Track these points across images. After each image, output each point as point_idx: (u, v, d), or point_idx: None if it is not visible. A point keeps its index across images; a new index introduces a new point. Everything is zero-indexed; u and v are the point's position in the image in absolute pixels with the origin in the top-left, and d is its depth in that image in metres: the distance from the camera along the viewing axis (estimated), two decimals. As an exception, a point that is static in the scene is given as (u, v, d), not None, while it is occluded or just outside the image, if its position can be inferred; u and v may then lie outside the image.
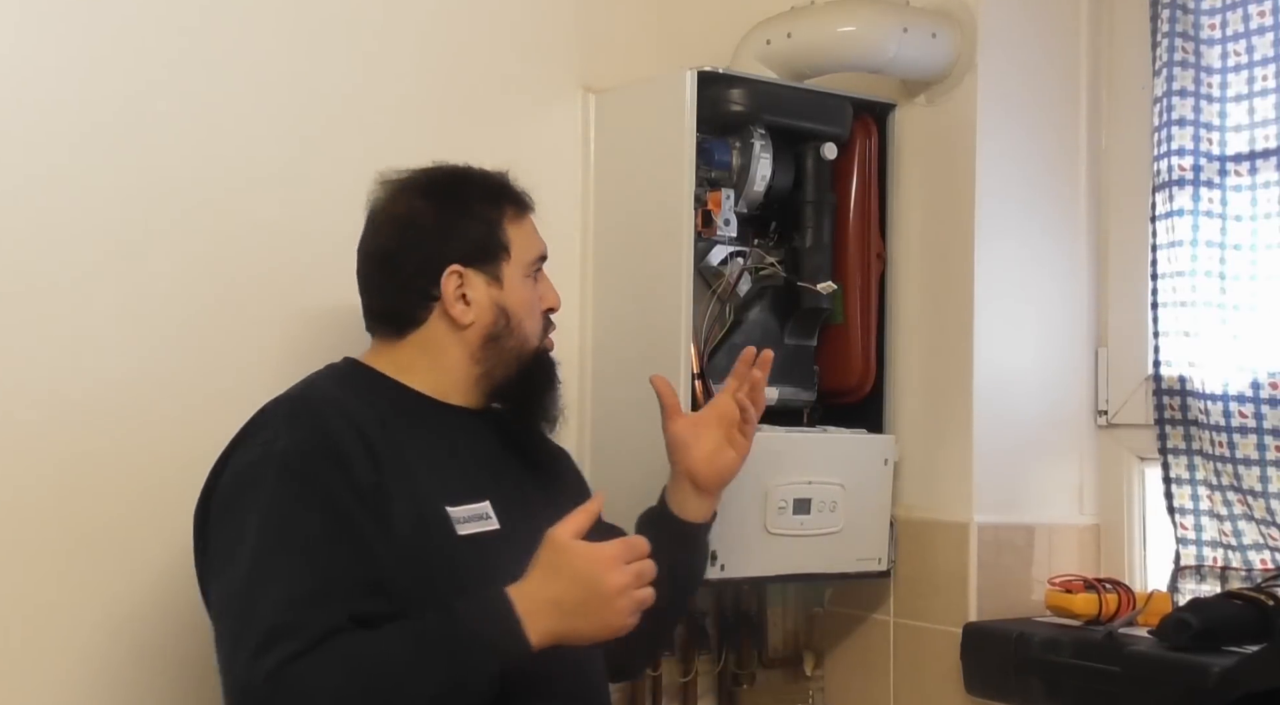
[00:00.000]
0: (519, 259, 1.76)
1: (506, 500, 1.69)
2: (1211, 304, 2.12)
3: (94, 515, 1.87)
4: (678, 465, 1.91)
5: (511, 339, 1.75)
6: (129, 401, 1.90)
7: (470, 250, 1.74)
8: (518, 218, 1.78)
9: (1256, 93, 2.12)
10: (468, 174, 1.80)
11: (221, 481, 1.60)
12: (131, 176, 1.91)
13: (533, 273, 1.78)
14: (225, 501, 1.59)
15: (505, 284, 1.75)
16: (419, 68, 2.16)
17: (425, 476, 1.64)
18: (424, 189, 1.77)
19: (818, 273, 2.22)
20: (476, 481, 1.70)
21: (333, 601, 1.49)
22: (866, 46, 2.23)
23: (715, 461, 1.91)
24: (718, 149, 2.14)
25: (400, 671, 1.47)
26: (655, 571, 1.57)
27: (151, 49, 1.93)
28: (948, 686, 2.23)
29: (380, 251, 1.76)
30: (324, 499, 1.54)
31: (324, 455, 1.57)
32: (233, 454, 1.62)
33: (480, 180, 1.79)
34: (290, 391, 1.69)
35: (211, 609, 1.57)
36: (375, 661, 1.47)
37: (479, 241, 1.75)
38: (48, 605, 1.84)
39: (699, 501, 1.91)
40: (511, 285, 1.75)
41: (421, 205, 1.75)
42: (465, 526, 1.64)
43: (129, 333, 1.90)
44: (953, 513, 2.26)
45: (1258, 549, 2.08)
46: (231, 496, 1.58)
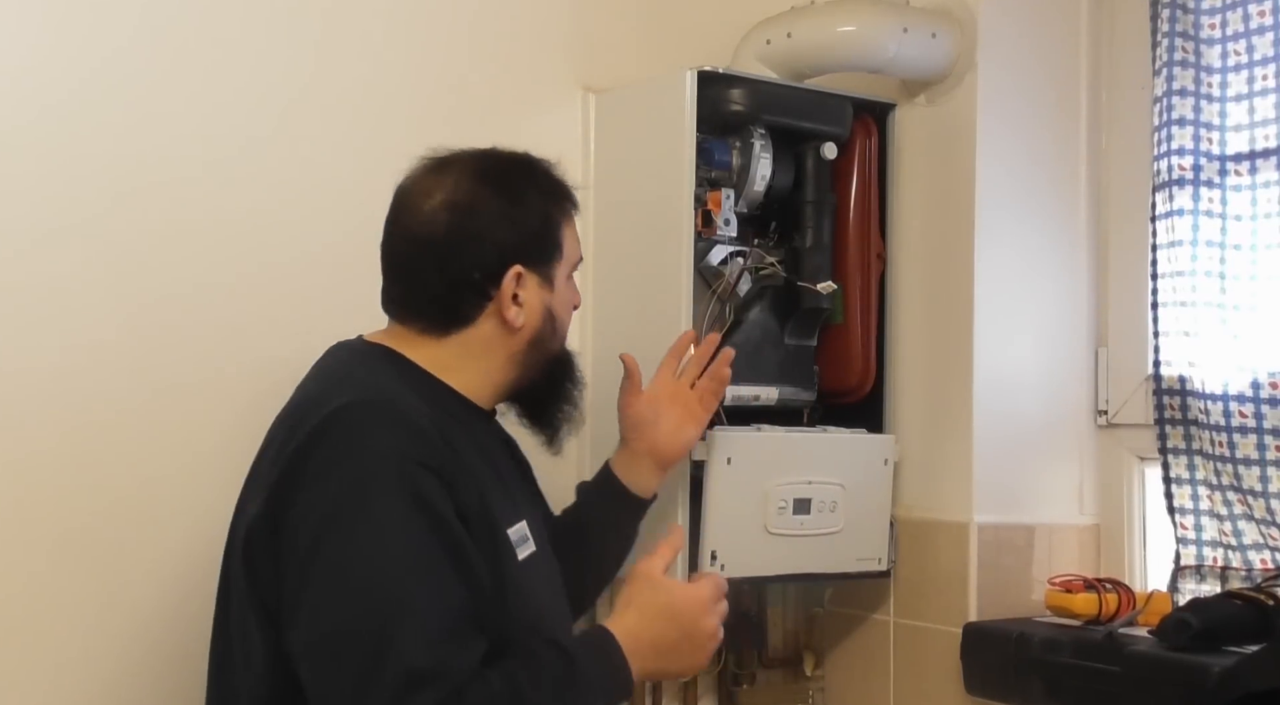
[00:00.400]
0: (568, 260, 1.68)
1: (530, 518, 1.63)
2: (1211, 304, 2.12)
3: (91, 514, 1.87)
4: (638, 442, 1.90)
5: (554, 343, 1.68)
6: (124, 400, 1.90)
7: (532, 248, 1.62)
8: (569, 218, 1.70)
9: (1256, 92, 2.12)
10: (529, 163, 1.68)
11: (312, 499, 1.41)
12: (130, 174, 1.91)
13: (570, 275, 1.71)
14: (330, 521, 1.40)
15: (555, 286, 1.66)
16: (419, 68, 2.16)
17: (488, 496, 1.53)
18: (483, 174, 1.62)
19: (818, 273, 2.22)
20: (515, 499, 1.64)
21: (468, 640, 1.39)
22: (866, 46, 2.23)
23: (678, 438, 1.93)
24: (718, 149, 2.14)
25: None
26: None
27: (150, 49, 1.93)
28: (948, 687, 2.22)
29: (431, 238, 1.59)
30: (440, 526, 1.41)
31: (435, 477, 1.43)
32: (308, 466, 1.43)
33: (542, 172, 1.68)
34: (366, 392, 1.50)
35: (312, 634, 1.39)
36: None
37: (540, 239, 1.63)
38: (43, 606, 1.84)
39: (655, 476, 1.92)
40: (559, 288, 1.67)
41: (483, 192, 1.60)
42: (519, 549, 1.56)
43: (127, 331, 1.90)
44: (953, 513, 2.26)
45: (1258, 549, 2.08)
46: (338, 517, 1.39)
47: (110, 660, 1.88)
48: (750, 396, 2.20)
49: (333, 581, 1.38)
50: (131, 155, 1.91)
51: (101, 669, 1.87)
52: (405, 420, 1.46)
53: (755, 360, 2.22)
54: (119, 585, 1.88)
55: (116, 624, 1.88)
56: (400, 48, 2.15)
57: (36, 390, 1.83)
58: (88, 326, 1.88)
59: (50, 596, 1.84)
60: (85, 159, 1.87)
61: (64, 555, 1.85)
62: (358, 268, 2.09)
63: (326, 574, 1.39)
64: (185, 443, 1.91)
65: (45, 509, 1.84)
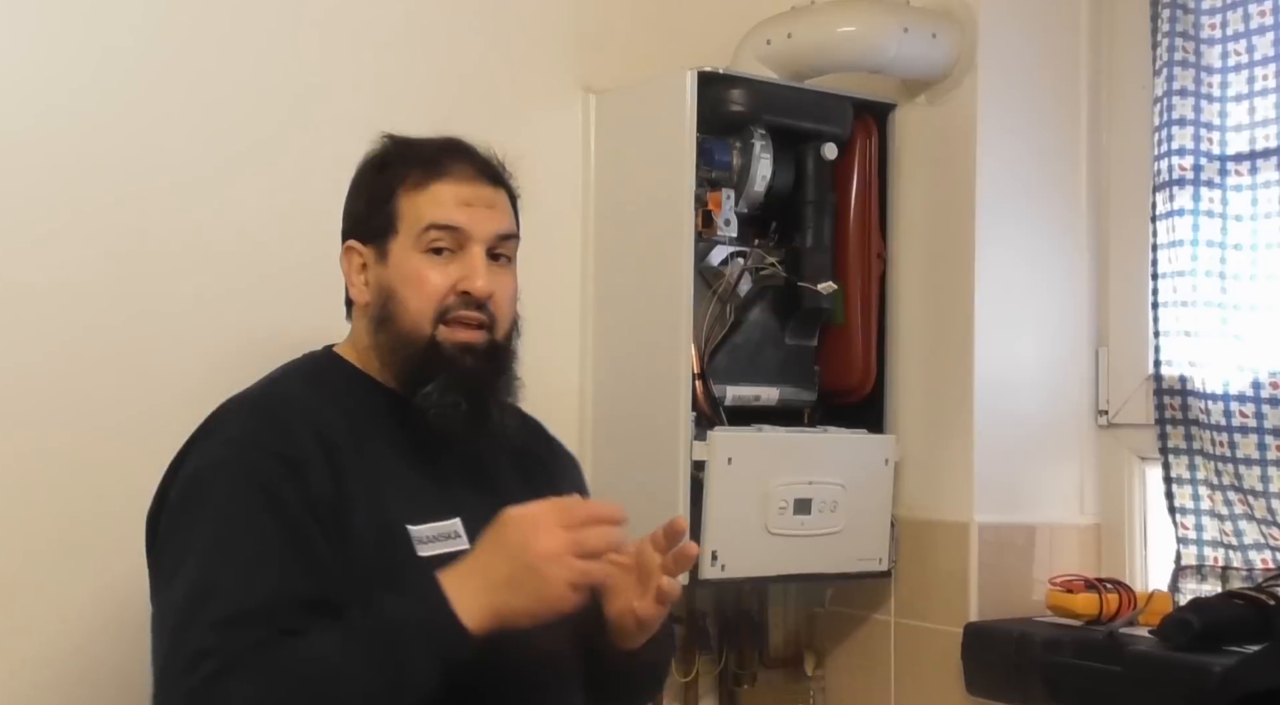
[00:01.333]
0: (408, 231, 1.56)
1: (484, 516, 1.47)
2: (1212, 304, 2.12)
3: (77, 513, 1.87)
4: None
5: (396, 323, 1.55)
6: (108, 398, 1.90)
7: (358, 224, 1.60)
8: (419, 186, 1.57)
9: (1257, 92, 2.12)
10: (384, 143, 1.64)
11: (176, 484, 1.48)
12: (129, 174, 1.91)
13: (428, 246, 1.55)
14: (178, 505, 1.46)
15: (390, 260, 1.56)
16: (419, 69, 2.16)
17: (389, 490, 1.50)
18: (361, 162, 1.65)
19: (818, 273, 2.22)
20: (449, 496, 1.54)
21: (271, 623, 1.36)
22: (867, 46, 2.23)
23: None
24: (718, 149, 2.14)
25: (327, 673, 1.35)
26: (608, 541, 1.40)
27: (149, 50, 1.93)
28: (948, 686, 2.22)
29: None
30: (276, 508, 1.42)
31: (280, 461, 1.44)
32: (188, 454, 1.50)
33: (398, 145, 1.63)
34: (252, 388, 1.56)
35: (154, 617, 1.44)
36: (301, 665, 1.34)
37: (363, 214, 1.60)
38: (36, 603, 1.85)
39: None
40: (396, 261, 1.56)
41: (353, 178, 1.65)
42: (428, 546, 1.48)
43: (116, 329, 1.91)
44: (953, 512, 2.26)
45: (1258, 548, 2.08)
46: (184, 500, 1.46)
47: (78, 662, 1.88)
48: (751, 397, 2.21)
49: (165, 567, 1.44)
50: (131, 157, 1.91)
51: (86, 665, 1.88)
52: (266, 413, 1.50)
53: (756, 361, 2.22)
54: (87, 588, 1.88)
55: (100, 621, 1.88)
56: (400, 49, 2.15)
57: (37, 390, 1.84)
58: (89, 327, 1.88)
59: (47, 593, 1.85)
60: (86, 159, 1.88)
61: (62, 553, 1.85)
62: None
63: (163, 560, 1.46)
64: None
65: (44, 508, 1.84)
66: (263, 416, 1.50)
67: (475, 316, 1.55)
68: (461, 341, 1.55)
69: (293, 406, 1.51)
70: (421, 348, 1.54)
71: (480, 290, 1.55)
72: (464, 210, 1.56)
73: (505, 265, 1.60)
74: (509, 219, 1.61)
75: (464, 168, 1.58)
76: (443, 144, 1.61)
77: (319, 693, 1.34)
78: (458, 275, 1.55)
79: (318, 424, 1.49)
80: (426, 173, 1.57)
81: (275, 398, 1.54)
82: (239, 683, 1.32)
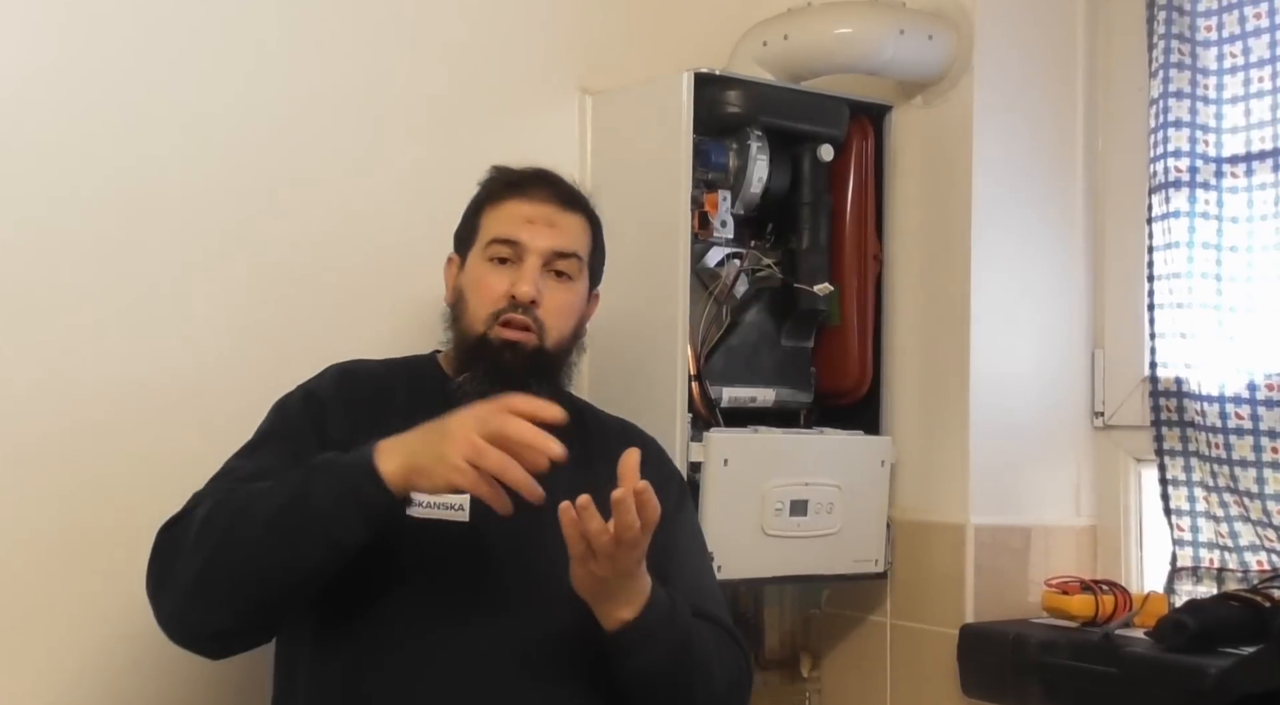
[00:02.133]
0: (480, 242, 1.76)
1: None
2: (1208, 306, 2.13)
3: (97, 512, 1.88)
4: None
5: (461, 321, 1.75)
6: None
7: (457, 237, 1.82)
8: (495, 203, 1.78)
9: (1253, 94, 2.12)
10: (497, 170, 1.83)
11: None
12: (132, 177, 1.91)
13: (491, 256, 1.74)
14: None
15: (466, 266, 1.78)
16: (417, 70, 2.16)
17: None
18: None
19: (814, 274, 2.22)
20: None
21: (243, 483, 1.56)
22: (863, 48, 2.23)
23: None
24: (714, 151, 2.14)
25: (253, 494, 1.51)
26: (520, 432, 1.44)
27: (148, 52, 1.93)
28: (944, 688, 2.23)
29: None
30: (291, 424, 1.66)
31: (313, 400, 1.68)
32: None
33: (490, 175, 1.83)
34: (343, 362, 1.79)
35: None
36: (243, 491, 1.52)
37: (460, 229, 1.82)
38: (48, 604, 1.85)
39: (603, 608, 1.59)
40: (469, 267, 1.77)
41: None
42: (422, 509, 1.58)
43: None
44: (949, 514, 2.26)
45: (1254, 550, 2.08)
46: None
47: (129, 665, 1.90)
48: (747, 398, 2.21)
49: None
50: (131, 158, 1.92)
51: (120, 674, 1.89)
52: (329, 373, 1.75)
53: (752, 362, 2.22)
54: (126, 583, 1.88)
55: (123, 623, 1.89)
56: (399, 50, 2.14)
57: (42, 390, 1.84)
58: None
59: (58, 595, 1.85)
60: (90, 161, 1.88)
61: (70, 554, 1.86)
62: (355, 266, 2.10)
63: None
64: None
65: (46, 508, 1.84)
66: (328, 373, 1.75)
67: (521, 319, 1.71)
68: (506, 339, 1.70)
69: (355, 372, 1.75)
70: (475, 341, 1.72)
71: (523, 295, 1.70)
72: (526, 227, 1.74)
73: (564, 281, 1.75)
74: (571, 239, 1.76)
75: (540, 190, 1.77)
76: (530, 171, 1.81)
77: (242, 508, 1.49)
78: (511, 281, 1.71)
79: (367, 389, 1.71)
80: (506, 192, 1.77)
81: (349, 365, 1.77)
82: (202, 507, 1.53)
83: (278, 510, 1.47)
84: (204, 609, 1.49)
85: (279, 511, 1.47)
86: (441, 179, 2.14)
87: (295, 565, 1.48)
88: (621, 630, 1.55)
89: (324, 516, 1.47)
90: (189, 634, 1.53)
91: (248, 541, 1.47)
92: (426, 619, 1.60)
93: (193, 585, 1.48)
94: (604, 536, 1.46)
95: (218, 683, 1.92)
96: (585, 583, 1.53)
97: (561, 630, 1.61)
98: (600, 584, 1.52)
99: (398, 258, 2.11)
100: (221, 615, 1.50)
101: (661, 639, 1.58)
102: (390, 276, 2.11)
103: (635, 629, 1.56)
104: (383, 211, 2.11)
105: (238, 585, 1.48)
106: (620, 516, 1.45)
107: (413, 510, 1.55)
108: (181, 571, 1.49)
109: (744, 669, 1.72)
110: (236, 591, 1.48)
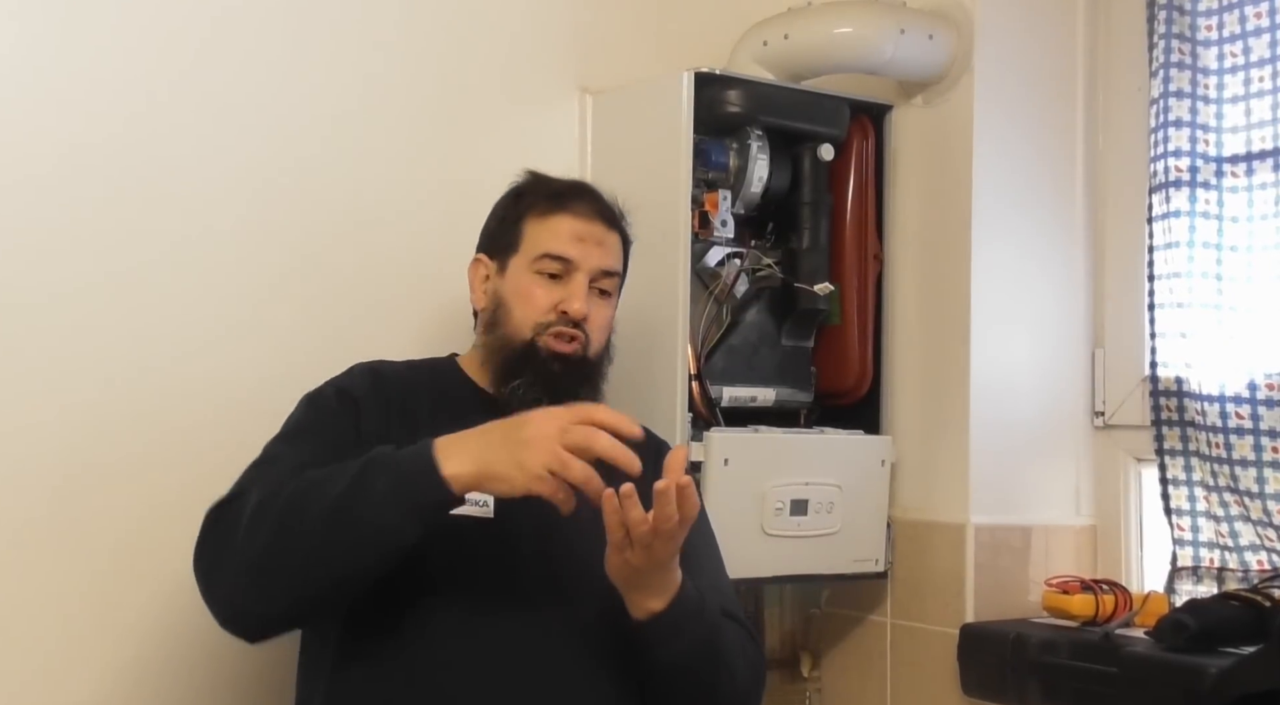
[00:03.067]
0: (527, 253, 1.78)
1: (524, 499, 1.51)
2: (1208, 305, 2.13)
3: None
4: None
5: (502, 327, 1.77)
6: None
7: (489, 240, 1.84)
8: (543, 216, 1.79)
9: (1253, 94, 2.12)
10: (526, 176, 1.86)
11: None
12: (132, 180, 1.91)
13: (541, 270, 1.77)
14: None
15: (508, 274, 1.79)
16: (417, 69, 2.16)
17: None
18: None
19: (815, 274, 2.22)
20: None
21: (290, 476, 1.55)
22: (863, 48, 2.23)
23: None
24: (715, 150, 2.14)
25: (307, 484, 1.51)
26: (601, 445, 1.46)
27: (147, 51, 1.93)
28: (944, 688, 2.23)
29: None
30: (329, 415, 1.67)
31: (347, 397, 1.69)
32: None
33: (531, 177, 1.86)
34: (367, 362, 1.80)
35: None
36: (296, 482, 1.52)
37: (494, 232, 1.83)
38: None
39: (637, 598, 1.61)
40: (512, 276, 1.79)
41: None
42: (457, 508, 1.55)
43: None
44: (949, 514, 2.26)
45: (1254, 550, 2.08)
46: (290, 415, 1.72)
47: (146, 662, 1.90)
48: (747, 397, 2.21)
49: None
50: (130, 158, 1.92)
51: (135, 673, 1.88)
52: (357, 372, 1.75)
53: (752, 361, 2.22)
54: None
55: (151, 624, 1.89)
56: (399, 49, 2.14)
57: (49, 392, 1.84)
58: (95, 333, 1.88)
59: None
60: (96, 163, 1.89)
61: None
62: (355, 265, 2.10)
63: None
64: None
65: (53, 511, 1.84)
66: (358, 369, 1.76)
67: (570, 331, 1.75)
68: (555, 350, 1.74)
69: (383, 373, 1.76)
70: (520, 349, 1.75)
71: (577, 312, 1.75)
72: (577, 244, 1.78)
73: (605, 298, 1.81)
74: (615, 258, 1.82)
75: (585, 207, 1.80)
76: (572, 184, 1.85)
77: (299, 497, 1.50)
78: (560, 297, 1.76)
79: (396, 389, 1.72)
80: (552, 205, 1.80)
81: (375, 365, 1.78)
82: (255, 493, 1.53)
83: (335, 503, 1.47)
84: (258, 594, 1.51)
85: (336, 505, 1.47)
86: (443, 178, 2.14)
87: (351, 560, 1.49)
88: (651, 620, 1.58)
89: (380, 514, 1.47)
90: (238, 615, 1.54)
91: (306, 533, 1.48)
92: (460, 623, 1.61)
93: (249, 570, 1.50)
94: (643, 526, 1.49)
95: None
96: (620, 571, 1.55)
97: (589, 625, 1.64)
98: (635, 573, 1.55)
99: (398, 257, 2.11)
100: (277, 602, 1.51)
101: (689, 632, 1.60)
102: (391, 275, 2.11)
103: (664, 620, 1.58)
104: (383, 211, 2.11)
105: (295, 573, 1.49)
106: (661, 507, 1.48)
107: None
108: (238, 554, 1.50)
109: (762, 669, 1.77)
110: (294, 579, 1.49)
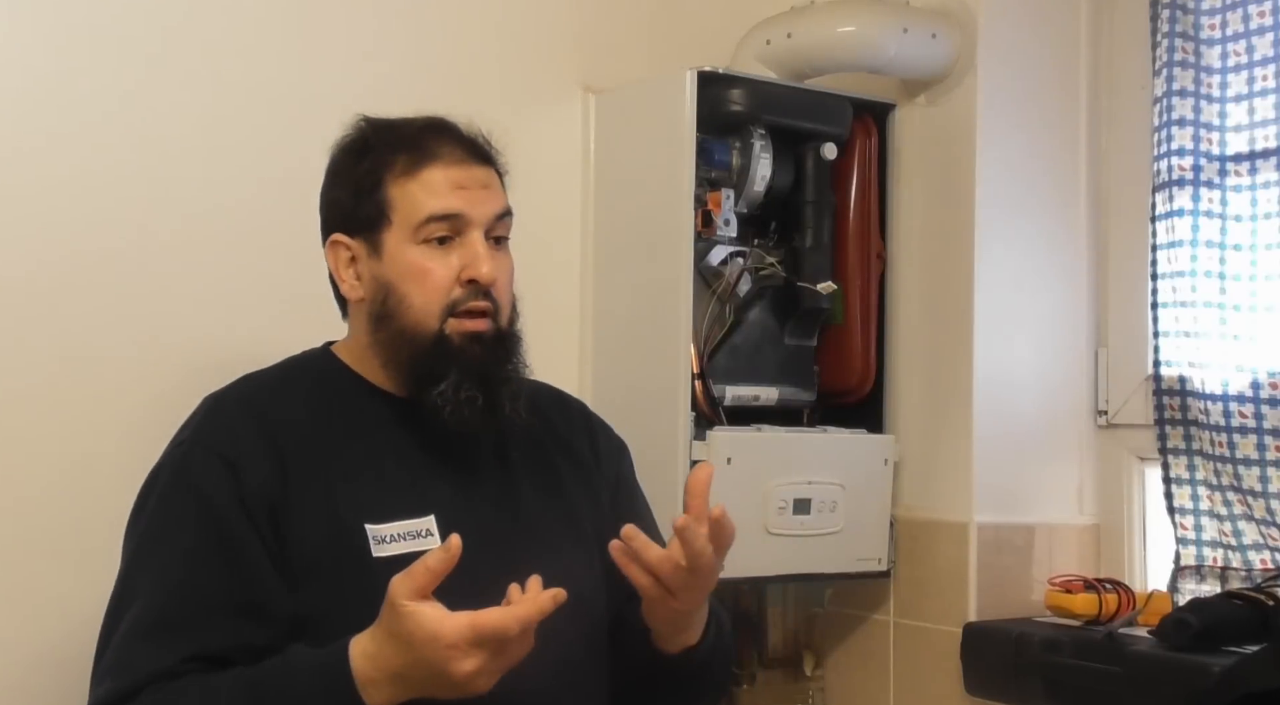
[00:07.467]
0: (403, 222, 1.49)
1: (466, 514, 1.45)
2: (1211, 304, 2.12)
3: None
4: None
5: (399, 319, 1.49)
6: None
7: (344, 216, 1.52)
8: (409, 172, 1.50)
9: (1256, 93, 2.12)
10: (361, 127, 1.56)
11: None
12: (125, 172, 1.91)
13: (428, 238, 1.49)
14: (133, 508, 1.48)
15: (385, 254, 1.50)
16: (419, 68, 2.16)
17: (352, 488, 1.45)
18: (336, 145, 1.57)
19: (818, 273, 2.22)
20: (422, 493, 1.48)
21: (176, 638, 1.35)
22: (866, 46, 2.23)
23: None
24: (717, 149, 2.14)
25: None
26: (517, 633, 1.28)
27: (146, 50, 1.94)
28: (948, 687, 2.22)
29: None
30: (203, 511, 1.40)
31: (220, 462, 1.42)
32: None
33: (364, 132, 1.55)
34: (227, 386, 1.54)
35: None
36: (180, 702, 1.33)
37: (348, 205, 1.52)
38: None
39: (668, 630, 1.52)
40: (392, 255, 1.49)
41: (329, 164, 1.56)
42: (388, 546, 1.43)
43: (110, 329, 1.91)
44: (952, 512, 2.26)
45: (1258, 549, 2.08)
46: (136, 502, 1.48)
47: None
48: (750, 396, 2.21)
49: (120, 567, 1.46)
50: (126, 153, 1.92)
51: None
52: (220, 413, 1.48)
53: (755, 360, 2.22)
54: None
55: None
56: (400, 48, 2.15)
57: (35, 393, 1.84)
58: (86, 327, 1.89)
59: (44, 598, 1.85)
60: (76, 157, 1.89)
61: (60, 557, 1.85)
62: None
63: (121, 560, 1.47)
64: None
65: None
66: (215, 416, 1.48)
67: (481, 305, 1.50)
68: (469, 331, 1.49)
69: (251, 406, 1.49)
70: (429, 343, 1.48)
71: (486, 277, 1.49)
72: (460, 195, 1.50)
73: (502, 246, 1.54)
74: (503, 197, 1.55)
75: (452, 149, 1.52)
76: (425, 124, 1.54)
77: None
78: (460, 264, 1.49)
79: (275, 423, 1.46)
80: (415, 158, 1.50)
81: (235, 397, 1.51)
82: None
83: None
84: None
85: None
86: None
87: None
88: (685, 653, 1.50)
89: None
90: None
91: None
92: None
93: None
94: (667, 564, 1.36)
95: None
96: (667, 620, 1.44)
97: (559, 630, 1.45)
98: (681, 616, 1.45)
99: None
100: None
101: (717, 656, 1.55)
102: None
103: (697, 652, 1.51)
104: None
105: None
106: (689, 543, 1.37)
107: (380, 551, 1.42)
108: None
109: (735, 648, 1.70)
110: None
